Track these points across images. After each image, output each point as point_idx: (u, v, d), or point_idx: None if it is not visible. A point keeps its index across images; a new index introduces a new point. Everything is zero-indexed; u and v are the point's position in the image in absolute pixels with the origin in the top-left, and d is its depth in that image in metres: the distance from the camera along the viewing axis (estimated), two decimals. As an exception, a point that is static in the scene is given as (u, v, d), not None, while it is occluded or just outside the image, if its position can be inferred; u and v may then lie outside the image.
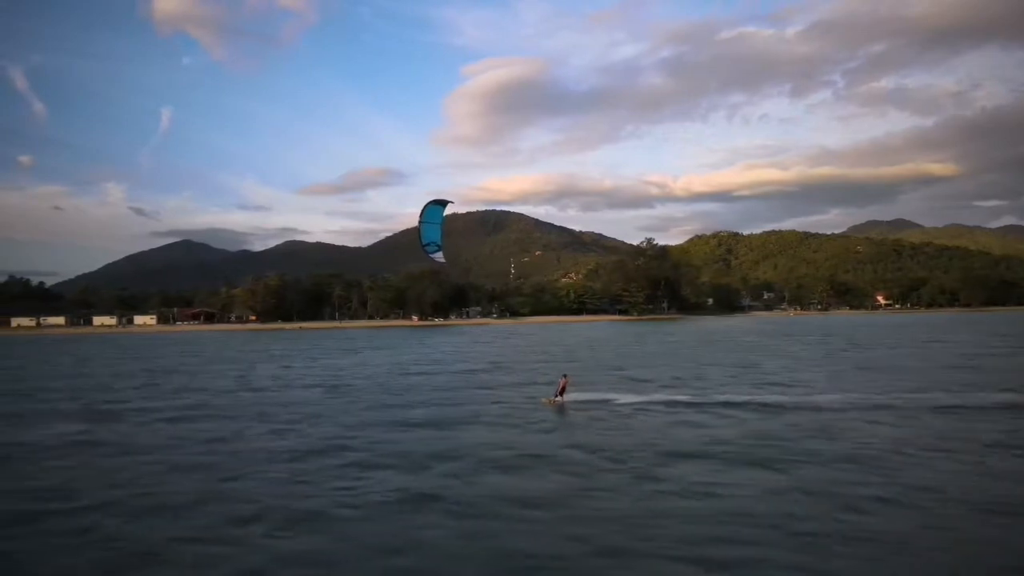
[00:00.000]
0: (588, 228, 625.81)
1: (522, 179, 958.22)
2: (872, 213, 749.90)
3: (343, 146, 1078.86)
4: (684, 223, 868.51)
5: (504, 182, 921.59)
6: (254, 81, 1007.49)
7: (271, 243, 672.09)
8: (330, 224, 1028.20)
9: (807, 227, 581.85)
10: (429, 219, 21.86)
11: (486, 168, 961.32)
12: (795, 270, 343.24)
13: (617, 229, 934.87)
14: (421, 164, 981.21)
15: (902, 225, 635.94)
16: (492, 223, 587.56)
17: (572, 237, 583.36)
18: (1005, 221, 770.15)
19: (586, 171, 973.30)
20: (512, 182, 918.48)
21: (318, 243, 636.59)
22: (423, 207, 21.76)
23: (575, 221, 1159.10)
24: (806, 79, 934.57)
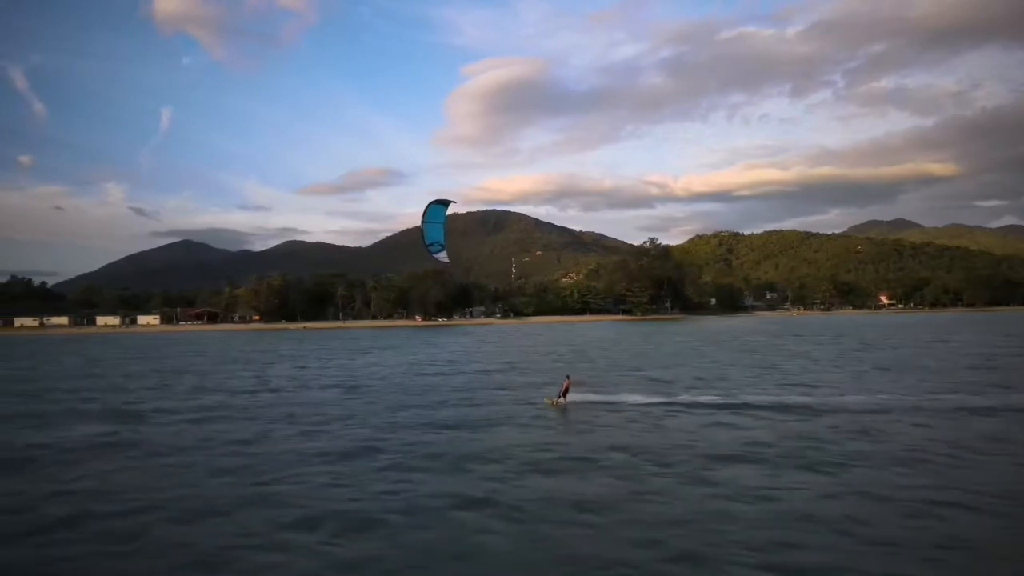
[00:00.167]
0: (588, 228, 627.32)
1: (522, 179, 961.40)
2: (872, 213, 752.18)
3: (343, 146, 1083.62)
4: (684, 223, 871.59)
5: (504, 182, 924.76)
6: (254, 81, 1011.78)
7: (271, 243, 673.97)
8: (330, 224, 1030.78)
9: (807, 227, 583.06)
10: (432, 219, 21.60)
11: (486, 168, 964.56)
12: (796, 270, 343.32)
13: (617, 229, 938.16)
14: (421, 164, 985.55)
15: (902, 225, 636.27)
16: (492, 223, 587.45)
17: (572, 237, 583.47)
18: (1005, 221, 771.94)
19: (586, 171, 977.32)
20: (512, 182, 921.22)
21: (318, 243, 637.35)
22: (425, 207, 21.51)
23: (575, 221, 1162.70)
24: (806, 79, 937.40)
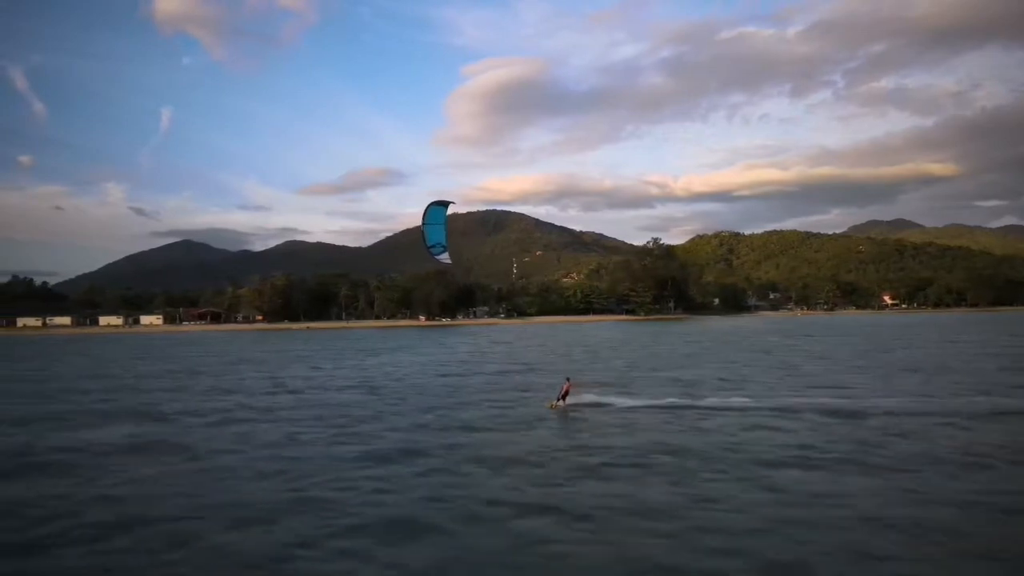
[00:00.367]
0: (588, 228, 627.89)
1: (522, 179, 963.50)
2: (872, 213, 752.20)
3: (343, 146, 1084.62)
4: (684, 223, 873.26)
5: (504, 182, 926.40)
6: (254, 81, 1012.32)
7: (271, 243, 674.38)
8: (330, 224, 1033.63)
9: (808, 227, 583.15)
10: (432, 220, 21.34)
11: (486, 168, 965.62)
12: (797, 270, 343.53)
13: (617, 229, 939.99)
14: (421, 164, 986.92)
15: (902, 225, 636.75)
16: (492, 223, 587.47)
17: (572, 237, 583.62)
18: (1005, 221, 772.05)
19: (586, 171, 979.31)
20: (512, 182, 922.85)
21: (318, 243, 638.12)
22: (425, 209, 21.22)
23: (575, 221, 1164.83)
24: (806, 79, 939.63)
